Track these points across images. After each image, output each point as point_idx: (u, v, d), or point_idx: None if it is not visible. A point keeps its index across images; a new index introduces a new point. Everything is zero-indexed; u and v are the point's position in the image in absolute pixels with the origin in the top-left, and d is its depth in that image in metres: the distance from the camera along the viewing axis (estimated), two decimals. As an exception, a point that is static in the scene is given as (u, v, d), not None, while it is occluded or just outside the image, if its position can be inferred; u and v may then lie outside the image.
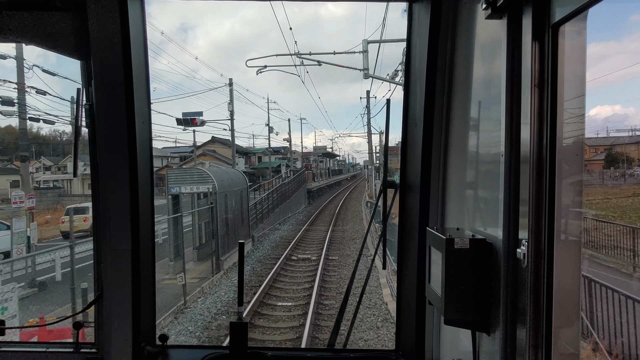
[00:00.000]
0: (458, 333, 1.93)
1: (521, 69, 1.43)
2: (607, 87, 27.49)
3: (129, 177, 2.15)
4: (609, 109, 65.13)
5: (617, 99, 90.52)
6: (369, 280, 11.48)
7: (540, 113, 1.37)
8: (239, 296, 2.20)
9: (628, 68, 32.37)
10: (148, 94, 2.28)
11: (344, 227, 28.77)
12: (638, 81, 53.96)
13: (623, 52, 22.38)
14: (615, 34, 22.63)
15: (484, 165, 1.80)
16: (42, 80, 44.12)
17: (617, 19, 19.40)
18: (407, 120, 2.31)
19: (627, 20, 20.15)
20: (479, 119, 1.86)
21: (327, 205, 45.78)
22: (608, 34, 19.76)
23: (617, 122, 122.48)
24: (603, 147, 32.61)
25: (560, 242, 1.37)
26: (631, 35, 24.79)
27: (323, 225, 29.10)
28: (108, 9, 2.03)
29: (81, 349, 2.29)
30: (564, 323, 1.39)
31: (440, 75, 2.12)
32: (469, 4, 1.89)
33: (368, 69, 16.88)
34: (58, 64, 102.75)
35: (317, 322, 11.58)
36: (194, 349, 2.78)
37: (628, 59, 19.93)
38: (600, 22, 1.79)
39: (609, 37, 21.46)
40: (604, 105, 65.70)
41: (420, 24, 2.18)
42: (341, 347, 2.53)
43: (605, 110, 58.87)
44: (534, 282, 1.38)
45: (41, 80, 42.64)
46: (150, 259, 2.38)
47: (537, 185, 1.38)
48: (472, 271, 1.64)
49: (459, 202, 2.03)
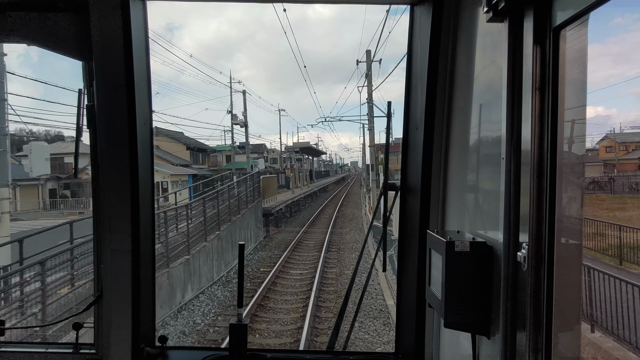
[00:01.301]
0: (458, 336, 1.92)
1: (522, 72, 1.43)
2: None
3: (130, 177, 2.15)
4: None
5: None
6: (368, 283, 11.47)
7: (541, 116, 1.37)
8: (239, 298, 2.20)
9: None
10: (149, 95, 2.29)
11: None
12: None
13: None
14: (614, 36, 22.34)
15: (485, 168, 1.80)
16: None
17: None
18: (408, 122, 2.31)
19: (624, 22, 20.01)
20: (479, 122, 1.86)
21: (302, 241, 22.87)
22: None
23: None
24: (635, 144, 26.63)
25: (561, 245, 1.37)
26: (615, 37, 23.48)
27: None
28: (110, 9, 2.03)
29: (80, 349, 2.29)
30: (565, 327, 1.39)
31: (441, 78, 2.12)
32: (470, 7, 1.89)
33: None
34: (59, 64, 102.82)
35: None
36: (194, 350, 2.77)
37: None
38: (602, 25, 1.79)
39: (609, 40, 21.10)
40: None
41: (422, 27, 2.18)
42: (341, 349, 2.53)
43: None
44: (534, 286, 1.38)
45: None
46: (151, 260, 2.38)
47: (537, 188, 1.38)
48: (473, 274, 1.64)
49: (460, 205, 2.03)
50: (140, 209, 2.20)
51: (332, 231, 25.58)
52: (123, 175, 2.15)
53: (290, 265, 18.01)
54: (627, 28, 19.13)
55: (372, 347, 10.19)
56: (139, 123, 2.15)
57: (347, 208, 40.61)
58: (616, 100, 45.41)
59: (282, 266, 17.41)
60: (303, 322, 11.31)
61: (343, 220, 31.09)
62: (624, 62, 14.28)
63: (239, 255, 2.26)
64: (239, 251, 2.25)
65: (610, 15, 16.01)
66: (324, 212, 37.36)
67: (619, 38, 25.75)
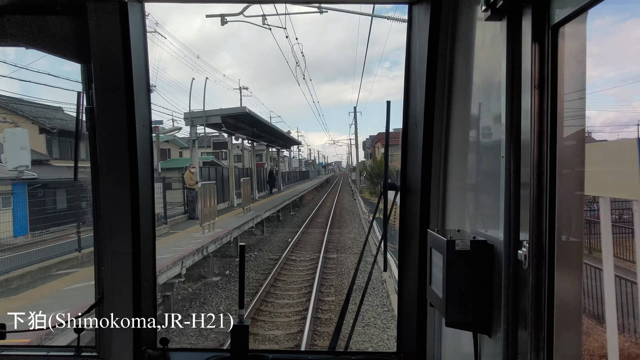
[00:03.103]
0: (459, 335, 1.92)
1: (521, 70, 1.43)
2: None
3: (130, 180, 2.15)
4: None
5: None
6: (369, 283, 11.43)
7: (540, 114, 1.37)
8: (240, 299, 2.20)
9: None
10: (148, 97, 2.29)
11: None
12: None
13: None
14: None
15: (485, 166, 1.80)
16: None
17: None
18: (408, 121, 2.31)
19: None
20: (479, 120, 1.86)
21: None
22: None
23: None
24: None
25: (562, 243, 1.37)
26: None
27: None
28: (108, 12, 2.03)
29: (82, 352, 2.29)
30: (566, 325, 1.39)
31: (440, 76, 2.12)
32: (468, 5, 1.89)
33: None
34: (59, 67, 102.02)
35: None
36: (195, 352, 2.77)
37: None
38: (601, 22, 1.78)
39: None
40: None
41: (420, 26, 2.18)
42: (342, 349, 2.53)
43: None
44: (535, 284, 1.38)
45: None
46: (151, 262, 2.38)
47: (537, 186, 1.38)
48: (473, 273, 1.64)
49: (460, 204, 2.03)
50: (141, 211, 2.20)
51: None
52: (123, 177, 2.15)
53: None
54: (607, 30, 19.14)
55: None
56: (138, 125, 2.15)
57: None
58: (595, 101, 45.25)
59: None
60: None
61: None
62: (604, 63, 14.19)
63: (239, 256, 2.26)
64: (240, 252, 2.24)
65: (608, 12, 16.02)
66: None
67: (598, 39, 25.62)
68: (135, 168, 2.15)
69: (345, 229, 24.99)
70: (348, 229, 24.96)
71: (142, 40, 2.21)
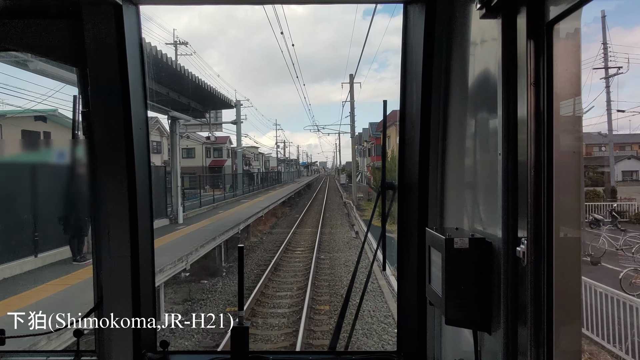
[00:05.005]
0: (459, 333, 1.93)
1: (517, 67, 1.43)
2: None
3: (127, 183, 2.15)
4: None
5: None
6: (369, 282, 11.40)
7: (537, 111, 1.38)
8: (239, 300, 2.19)
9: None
10: (145, 100, 2.28)
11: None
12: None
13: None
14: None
15: (482, 164, 1.80)
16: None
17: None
18: (404, 120, 2.32)
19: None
20: (476, 118, 1.86)
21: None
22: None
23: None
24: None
25: (560, 239, 1.37)
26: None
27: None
28: (103, 15, 2.03)
29: (82, 356, 2.28)
30: (565, 321, 1.39)
31: (436, 75, 2.12)
32: (463, 4, 1.90)
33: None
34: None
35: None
36: (196, 354, 2.77)
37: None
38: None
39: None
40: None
41: (416, 25, 2.18)
42: (342, 349, 2.53)
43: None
44: (534, 281, 1.38)
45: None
46: (150, 265, 2.37)
47: (535, 183, 1.38)
48: (472, 271, 1.64)
49: (458, 202, 2.03)
50: (139, 214, 2.19)
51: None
52: (120, 180, 2.15)
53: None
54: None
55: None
56: (135, 128, 2.15)
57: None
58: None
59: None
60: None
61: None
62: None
63: (238, 257, 2.25)
64: (239, 254, 2.24)
65: (601, 7, 15.95)
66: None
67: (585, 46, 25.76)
68: (132, 171, 2.15)
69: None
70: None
71: (138, 42, 2.20)
